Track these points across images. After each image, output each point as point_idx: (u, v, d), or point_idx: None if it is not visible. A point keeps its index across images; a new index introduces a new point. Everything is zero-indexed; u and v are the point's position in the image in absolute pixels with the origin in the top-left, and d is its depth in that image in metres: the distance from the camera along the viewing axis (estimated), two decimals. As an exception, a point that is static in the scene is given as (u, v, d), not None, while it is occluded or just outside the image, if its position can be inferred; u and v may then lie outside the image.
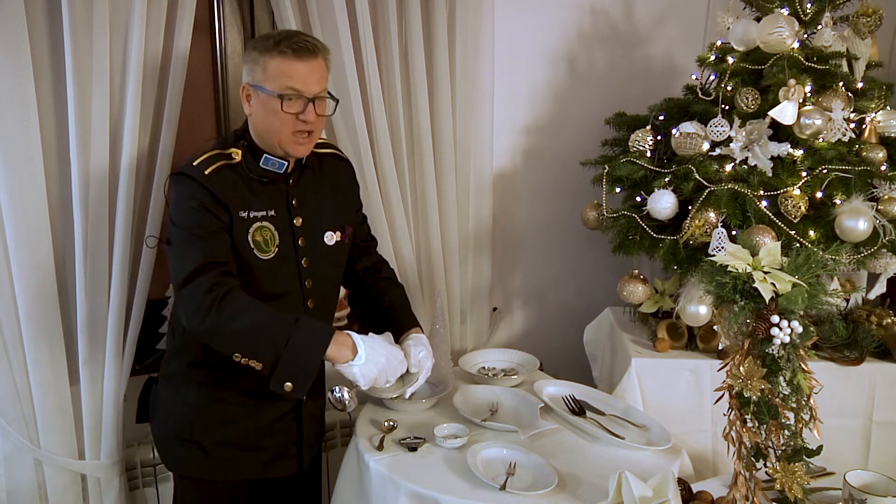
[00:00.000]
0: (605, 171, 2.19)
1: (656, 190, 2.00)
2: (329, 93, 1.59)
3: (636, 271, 2.19)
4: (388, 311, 1.85)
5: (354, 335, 1.56)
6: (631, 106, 2.43)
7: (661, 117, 2.23)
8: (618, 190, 2.18)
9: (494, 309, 2.70)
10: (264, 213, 1.61)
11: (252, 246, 1.59)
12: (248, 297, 1.51)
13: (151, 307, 2.01)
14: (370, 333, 1.63)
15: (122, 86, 1.79)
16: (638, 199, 2.08)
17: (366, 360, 1.54)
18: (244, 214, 1.58)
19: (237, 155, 1.60)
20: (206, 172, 1.54)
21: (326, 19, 2.02)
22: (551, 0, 2.51)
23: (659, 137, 2.18)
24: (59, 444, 1.87)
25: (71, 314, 1.85)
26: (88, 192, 1.77)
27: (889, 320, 2.13)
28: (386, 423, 1.80)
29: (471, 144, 2.38)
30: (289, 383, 1.49)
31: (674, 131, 2.06)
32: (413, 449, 1.70)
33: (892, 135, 2.06)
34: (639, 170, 2.11)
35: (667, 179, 2.01)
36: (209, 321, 1.45)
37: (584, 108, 2.62)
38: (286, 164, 1.63)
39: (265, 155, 1.61)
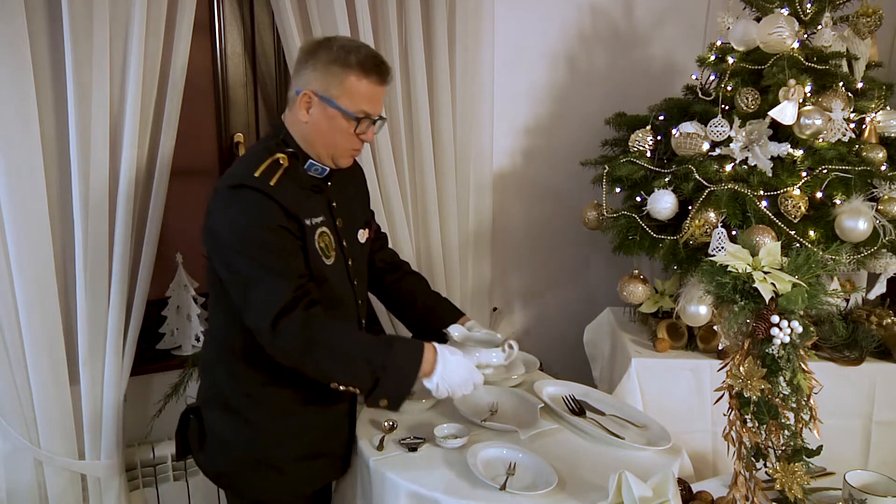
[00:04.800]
0: (605, 171, 2.19)
1: (656, 190, 2.00)
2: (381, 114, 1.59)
3: (636, 271, 2.19)
4: (428, 309, 1.86)
5: (440, 348, 1.55)
6: (631, 106, 2.43)
7: (661, 117, 2.23)
8: (618, 190, 2.18)
9: (494, 309, 2.70)
10: (321, 218, 1.57)
11: (319, 253, 1.55)
12: (337, 324, 1.49)
13: (151, 307, 2.02)
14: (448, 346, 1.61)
15: (122, 85, 1.79)
16: (638, 199, 2.08)
17: (442, 375, 1.53)
18: (309, 222, 1.53)
19: (284, 161, 1.52)
20: (272, 183, 1.46)
21: (326, 19, 2.02)
22: (551, 0, 2.51)
23: (659, 137, 2.18)
24: (59, 444, 1.87)
25: (71, 314, 1.85)
26: (88, 192, 1.77)
27: (889, 320, 2.14)
28: (386, 423, 1.80)
29: (471, 144, 2.38)
30: (384, 400, 1.51)
31: (674, 131, 2.06)
32: (413, 449, 1.70)
33: (892, 135, 2.07)
34: (639, 170, 2.11)
35: (667, 179, 2.01)
36: (311, 359, 1.45)
37: (584, 108, 2.62)
38: (328, 169, 1.60)
39: (310, 161, 1.56)
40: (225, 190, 1.46)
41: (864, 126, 2.03)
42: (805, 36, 2.09)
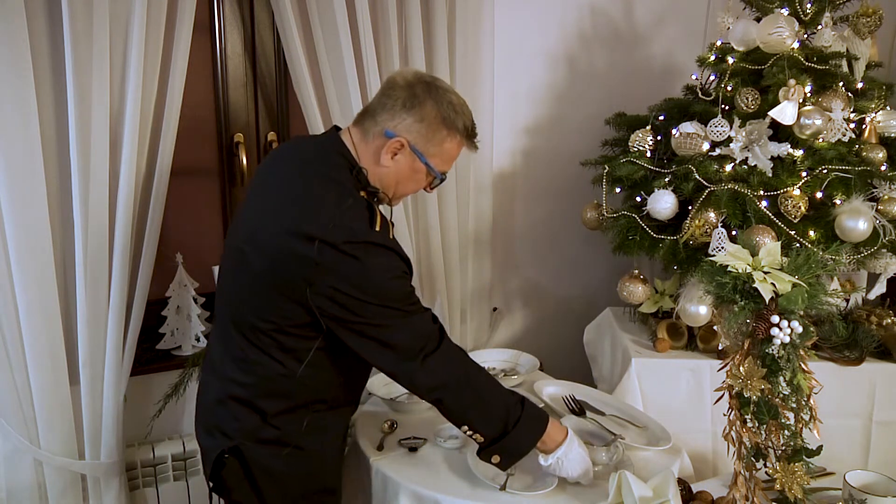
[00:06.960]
0: (605, 171, 2.19)
1: (656, 190, 2.00)
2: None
3: (636, 271, 2.19)
4: None
5: (572, 435, 1.55)
6: (631, 106, 2.43)
7: (661, 117, 2.23)
8: (618, 190, 2.18)
9: (494, 309, 2.69)
10: None
11: None
12: (480, 366, 1.51)
13: (151, 307, 2.01)
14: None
15: (122, 85, 1.78)
16: (638, 199, 2.08)
17: (561, 459, 1.52)
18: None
19: (366, 198, 1.47)
20: (392, 237, 1.43)
21: (326, 19, 2.02)
22: (551, 0, 2.51)
23: (659, 137, 2.18)
24: (59, 444, 1.87)
25: (71, 314, 1.85)
26: (89, 192, 1.77)
27: (889, 320, 2.14)
28: (386, 424, 1.80)
29: (471, 144, 2.38)
30: (497, 456, 1.49)
31: (674, 131, 2.06)
32: (413, 449, 1.70)
33: (892, 135, 2.06)
34: (639, 170, 2.11)
35: (667, 179, 2.01)
36: (457, 397, 1.45)
37: (584, 108, 2.62)
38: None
39: (377, 198, 1.51)
40: (343, 245, 1.34)
41: (864, 126, 2.03)
42: (805, 36, 2.09)
